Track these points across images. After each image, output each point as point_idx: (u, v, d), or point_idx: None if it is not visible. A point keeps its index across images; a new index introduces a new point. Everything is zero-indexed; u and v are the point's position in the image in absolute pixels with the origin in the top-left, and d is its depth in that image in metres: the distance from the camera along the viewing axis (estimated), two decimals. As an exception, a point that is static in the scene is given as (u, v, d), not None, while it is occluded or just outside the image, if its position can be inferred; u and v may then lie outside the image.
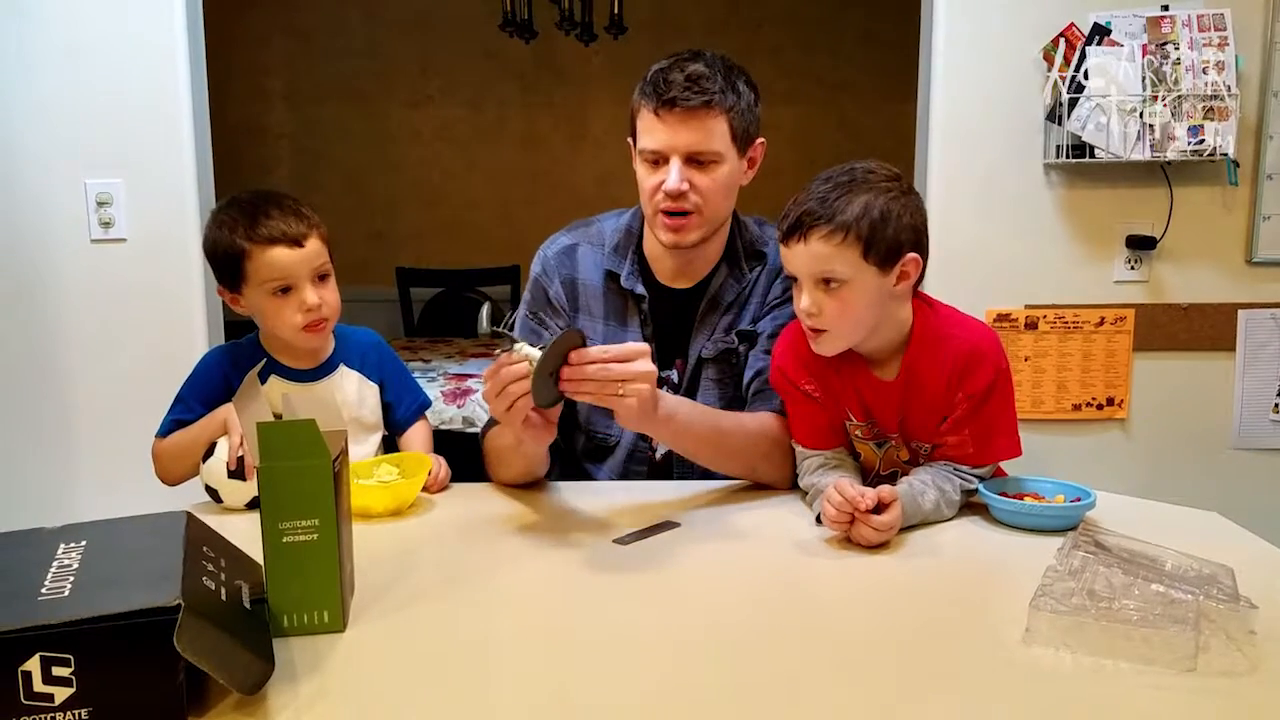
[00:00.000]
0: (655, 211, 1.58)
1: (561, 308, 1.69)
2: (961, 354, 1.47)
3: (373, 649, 1.03)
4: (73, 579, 0.90)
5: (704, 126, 1.52)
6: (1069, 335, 2.36)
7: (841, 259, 1.39)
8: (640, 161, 1.59)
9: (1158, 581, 1.08)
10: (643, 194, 1.60)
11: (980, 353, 1.47)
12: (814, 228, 1.40)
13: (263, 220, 1.52)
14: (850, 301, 1.41)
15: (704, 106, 1.51)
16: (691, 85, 1.50)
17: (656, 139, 1.54)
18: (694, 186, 1.54)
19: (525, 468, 1.60)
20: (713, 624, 1.11)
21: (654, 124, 1.54)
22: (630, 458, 1.70)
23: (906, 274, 1.43)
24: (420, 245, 5.02)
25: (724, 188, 1.58)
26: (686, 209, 1.55)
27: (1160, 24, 2.21)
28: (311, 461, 1.03)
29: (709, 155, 1.54)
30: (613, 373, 1.30)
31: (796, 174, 5.16)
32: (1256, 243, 2.31)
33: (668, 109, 1.51)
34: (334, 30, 4.88)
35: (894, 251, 1.41)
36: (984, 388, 1.46)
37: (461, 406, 3.17)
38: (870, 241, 1.39)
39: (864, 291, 1.41)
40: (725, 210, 1.62)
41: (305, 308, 1.53)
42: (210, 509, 1.49)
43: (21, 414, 2.29)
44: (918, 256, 1.43)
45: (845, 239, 1.38)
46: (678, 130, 1.52)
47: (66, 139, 2.22)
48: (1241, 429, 2.39)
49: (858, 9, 4.82)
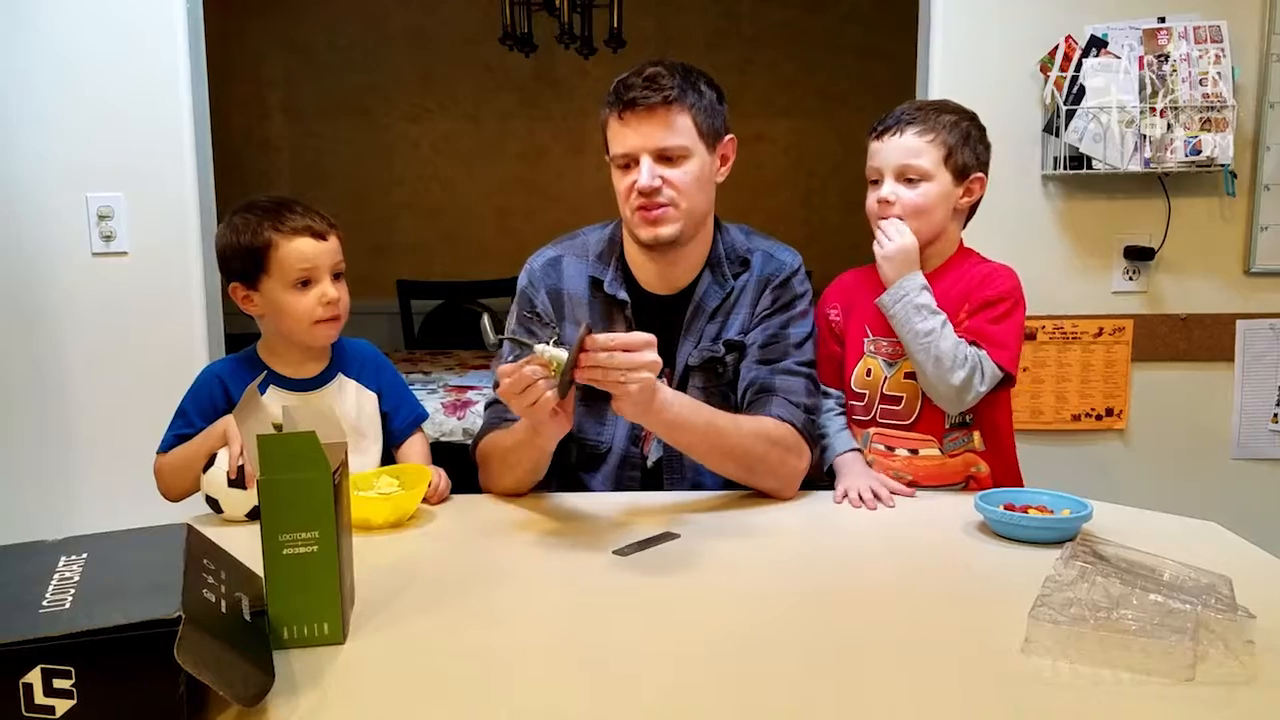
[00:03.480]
0: (633, 212, 1.61)
1: (548, 318, 1.70)
2: (981, 274, 1.69)
3: (373, 661, 1.03)
4: (74, 591, 0.90)
5: (666, 122, 1.57)
6: (1068, 346, 2.36)
7: (928, 156, 1.64)
8: (614, 170, 1.63)
9: (1156, 591, 1.08)
10: (620, 200, 1.63)
11: (997, 275, 1.69)
12: (910, 124, 1.65)
13: (288, 215, 1.57)
14: (925, 193, 1.64)
15: (664, 103, 1.56)
16: (649, 84, 1.56)
17: (624, 142, 1.59)
18: (666, 182, 1.58)
19: (532, 466, 1.60)
20: (713, 635, 1.11)
21: (619, 128, 1.59)
22: (623, 464, 1.71)
23: (971, 191, 1.68)
24: (420, 258, 5.03)
25: (696, 181, 1.61)
26: (662, 203, 1.58)
27: (1157, 35, 2.22)
28: (311, 474, 1.03)
29: (676, 150, 1.58)
30: (619, 360, 1.35)
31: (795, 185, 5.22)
32: (1255, 253, 2.32)
33: (629, 110, 1.57)
34: (335, 44, 4.90)
35: (968, 166, 1.66)
36: (990, 296, 1.66)
37: (462, 419, 3.17)
38: (953, 149, 1.64)
39: (936, 190, 1.65)
40: (702, 206, 1.64)
41: (325, 300, 1.57)
42: (211, 521, 1.50)
43: (22, 427, 2.29)
44: (984, 177, 1.69)
45: (935, 139, 1.64)
46: (641, 129, 1.57)
47: (68, 152, 2.23)
48: (1240, 439, 2.39)
49: (856, 23, 4.83)
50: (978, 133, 1.69)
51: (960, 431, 1.69)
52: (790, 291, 1.70)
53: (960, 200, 1.68)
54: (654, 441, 1.69)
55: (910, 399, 1.68)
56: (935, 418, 1.68)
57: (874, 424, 1.72)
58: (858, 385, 1.74)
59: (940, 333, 1.59)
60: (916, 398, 1.68)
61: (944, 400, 1.63)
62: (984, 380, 1.60)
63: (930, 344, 1.59)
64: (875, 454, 1.71)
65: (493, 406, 1.70)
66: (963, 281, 1.69)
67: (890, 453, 1.70)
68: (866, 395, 1.72)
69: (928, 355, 1.59)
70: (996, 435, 1.72)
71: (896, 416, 1.70)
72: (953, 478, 1.69)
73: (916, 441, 1.69)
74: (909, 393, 1.68)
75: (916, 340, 1.60)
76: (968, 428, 1.69)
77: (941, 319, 1.61)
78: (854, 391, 1.74)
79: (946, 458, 1.69)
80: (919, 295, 1.62)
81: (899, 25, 3.08)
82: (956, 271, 1.70)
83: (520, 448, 1.58)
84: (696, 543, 1.41)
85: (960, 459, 1.69)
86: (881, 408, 1.71)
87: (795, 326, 1.69)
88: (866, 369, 1.73)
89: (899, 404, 1.69)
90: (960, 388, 1.59)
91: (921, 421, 1.68)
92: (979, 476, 1.70)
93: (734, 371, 1.68)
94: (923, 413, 1.68)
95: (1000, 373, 1.62)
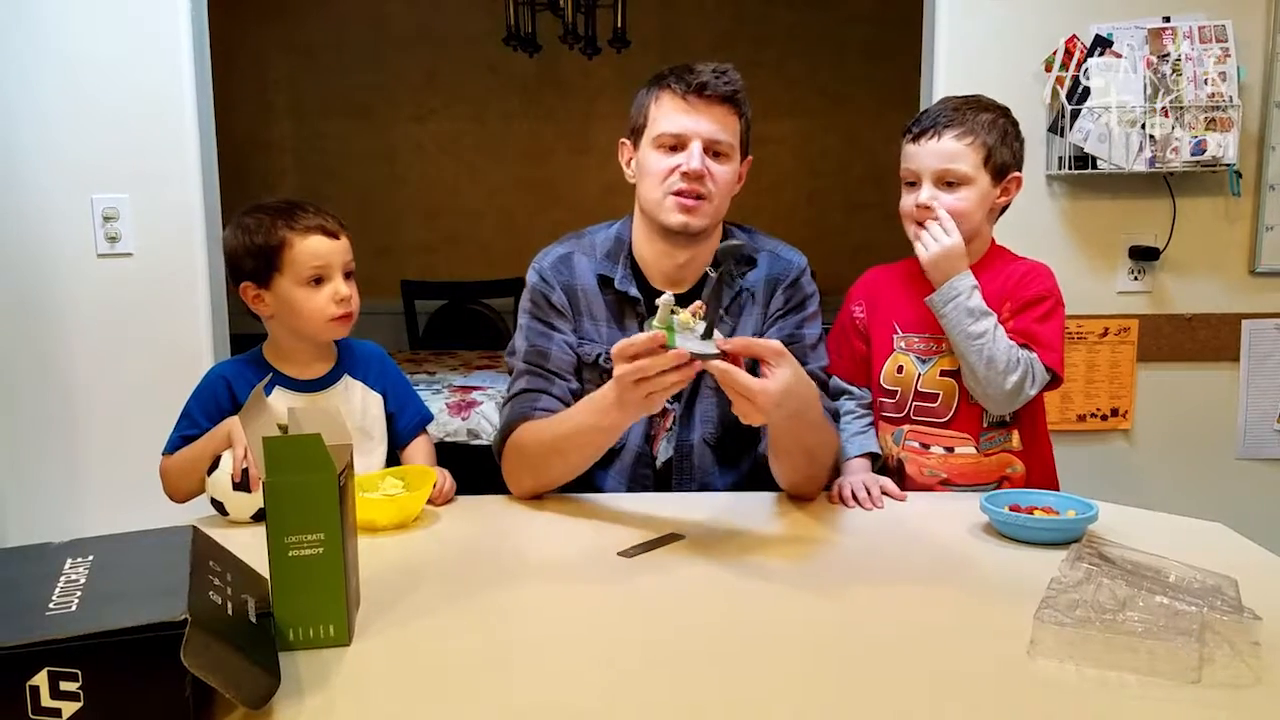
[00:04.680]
0: (666, 195, 1.59)
1: (565, 311, 1.69)
2: (1019, 272, 1.69)
3: (378, 662, 1.03)
4: (80, 594, 0.91)
5: (726, 118, 1.59)
6: (1073, 346, 2.36)
7: (967, 160, 1.63)
8: (653, 148, 1.61)
9: (1162, 593, 1.08)
10: (652, 178, 1.61)
11: (1036, 273, 1.69)
12: (949, 128, 1.63)
13: (300, 214, 1.58)
14: (965, 197, 1.63)
15: (730, 99, 1.58)
16: (720, 76, 1.58)
17: (679, 123, 1.58)
18: (710, 174, 1.58)
19: (595, 451, 1.54)
20: (718, 636, 1.11)
21: (679, 108, 1.58)
22: (638, 461, 1.70)
23: (1008, 190, 1.68)
24: (424, 258, 5.04)
25: (729, 185, 1.63)
26: (701, 192, 1.58)
27: (1162, 35, 2.21)
28: (317, 476, 1.03)
29: (726, 145, 1.59)
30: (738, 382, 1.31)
31: (799, 185, 5.22)
32: (1260, 253, 2.32)
33: (697, 94, 1.57)
34: (339, 45, 4.91)
35: (1006, 165, 1.66)
36: (1031, 296, 1.65)
37: (466, 419, 3.18)
38: (992, 149, 1.63)
39: (976, 194, 1.64)
40: (724, 208, 1.65)
41: (338, 297, 1.58)
42: (216, 523, 1.50)
43: (28, 428, 2.30)
44: (1020, 176, 1.69)
45: (974, 142, 1.63)
46: (703, 116, 1.58)
47: (73, 154, 2.23)
48: (1246, 439, 2.39)
49: (861, 23, 4.84)
50: (1014, 129, 1.68)
51: (998, 430, 1.68)
52: (801, 292, 1.70)
53: (997, 200, 1.68)
54: (663, 442, 1.69)
55: (947, 396, 1.68)
56: (972, 416, 1.68)
57: (908, 421, 1.72)
58: (888, 382, 1.73)
59: (993, 334, 1.59)
60: (953, 395, 1.67)
61: (993, 402, 1.63)
62: (1035, 383, 1.61)
63: (984, 346, 1.58)
64: (909, 451, 1.71)
65: (518, 398, 1.64)
66: (999, 279, 1.68)
67: (925, 450, 1.70)
68: (899, 392, 1.72)
69: (980, 357, 1.59)
70: (1035, 435, 1.71)
71: (932, 414, 1.70)
72: (988, 477, 1.69)
73: (952, 439, 1.69)
74: (945, 390, 1.68)
75: (970, 342, 1.59)
76: (1006, 427, 1.69)
77: (993, 321, 1.60)
78: (884, 389, 1.74)
79: (982, 456, 1.68)
80: (970, 297, 1.61)
81: (904, 26, 3.08)
82: (992, 269, 1.69)
83: (584, 432, 1.50)
84: (701, 544, 1.41)
85: (996, 458, 1.69)
86: (916, 405, 1.71)
87: (809, 327, 1.69)
88: (898, 365, 1.72)
89: (935, 401, 1.69)
90: (1012, 391, 1.59)
91: (958, 419, 1.68)
92: (1013, 477, 1.69)
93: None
94: (959, 410, 1.68)
95: (1049, 375, 1.62)
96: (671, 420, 1.69)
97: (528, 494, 1.63)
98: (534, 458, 1.59)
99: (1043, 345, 1.62)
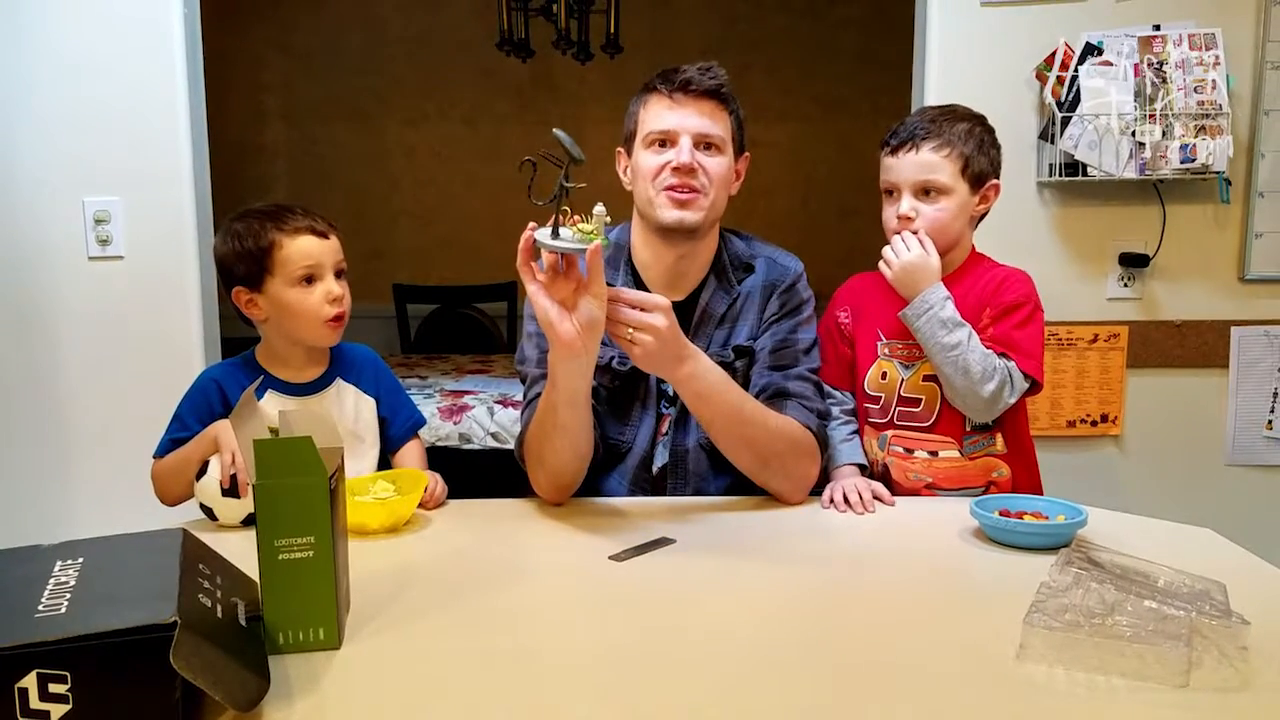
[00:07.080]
0: (659, 191, 1.60)
1: None
2: (997, 279, 1.70)
3: (368, 666, 1.03)
4: (70, 596, 0.90)
5: (714, 112, 1.61)
6: (1063, 352, 2.37)
7: (945, 170, 1.65)
8: (644, 148, 1.63)
9: (1150, 598, 1.09)
10: (644, 177, 1.62)
11: (1014, 279, 1.70)
12: (925, 139, 1.65)
13: (289, 216, 1.59)
14: (944, 208, 1.65)
15: (715, 93, 1.60)
16: (705, 72, 1.60)
17: (667, 120, 1.60)
18: (701, 167, 1.59)
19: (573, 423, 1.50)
20: (708, 641, 1.11)
21: (666, 107, 1.61)
22: (642, 465, 1.70)
23: (986, 198, 1.70)
24: (417, 262, 5.03)
25: (724, 178, 1.63)
26: (694, 186, 1.59)
27: (1152, 43, 2.22)
28: (308, 479, 1.03)
29: (716, 139, 1.61)
30: (625, 316, 1.40)
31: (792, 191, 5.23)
32: (1249, 260, 2.33)
33: (682, 91, 1.59)
34: (332, 49, 4.90)
35: (984, 173, 1.68)
36: (1009, 302, 1.67)
37: (458, 423, 3.17)
38: (969, 158, 1.65)
39: (955, 203, 1.66)
40: (721, 205, 1.65)
41: (331, 297, 1.58)
42: (207, 526, 1.50)
43: (18, 430, 2.29)
44: (998, 183, 1.72)
45: (951, 153, 1.65)
46: (689, 112, 1.59)
47: (65, 156, 2.22)
48: (1235, 446, 2.40)
49: (853, 29, 4.85)
50: (990, 137, 1.70)
51: (981, 434, 1.69)
52: (796, 296, 1.70)
53: (976, 208, 1.70)
54: (659, 447, 1.70)
55: (929, 401, 1.69)
56: (955, 420, 1.69)
57: (892, 426, 1.73)
58: (872, 388, 1.74)
59: (967, 345, 1.60)
60: (936, 400, 1.68)
61: (972, 410, 1.65)
62: (1013, 391, 1.62)
63: (958, 357, 1.59)
64: (894, 456, 1.72)
65: (532, 404, 1.63)
66: (978, 286, 1.70)
67: (909, 455, 1.71)
68: (883, 398, 1.73)
69: (955, 369, 1.60)
70: (1018, 438, 1.73)
71: (915, 419, 1.71)
72: (973, 481, 1.69)
73: (936, 444, 1.70)
74: (928, 395, 1.69)
75: (944, 354, 1.60)
76: (989, 430, 1.70)
77: (967, 331, 1.61)
78: (868, 394, 1.75)
79: (966, 460, 1.69)
80: (943, 309, 1.62)
81: (895, 31, 3.09)
82: (971, 277, 1.71)
83: (548, 397, 1.50)
84: (692, 548, 1.41)
85: (980, 462, 1.69)
86: (900, 410, 1.72)
87: (803, 331, 1.70)
88: (881, 372, 1.73)
89: (918, 406, 1.70)
90: (990, 399, 1.60)
91: (941, 423, 1.69)
92: (1000, 482, 1.70)
93: (744, 378, 1.68)
94: (942, 414, 1.69)
95: (1028, 382, 1.63)
96: (667, 425, 1.69)
97: (547, 492, 1.62)
98: (535, 448, 1.59)
99: (1021, 352, 1.63)
